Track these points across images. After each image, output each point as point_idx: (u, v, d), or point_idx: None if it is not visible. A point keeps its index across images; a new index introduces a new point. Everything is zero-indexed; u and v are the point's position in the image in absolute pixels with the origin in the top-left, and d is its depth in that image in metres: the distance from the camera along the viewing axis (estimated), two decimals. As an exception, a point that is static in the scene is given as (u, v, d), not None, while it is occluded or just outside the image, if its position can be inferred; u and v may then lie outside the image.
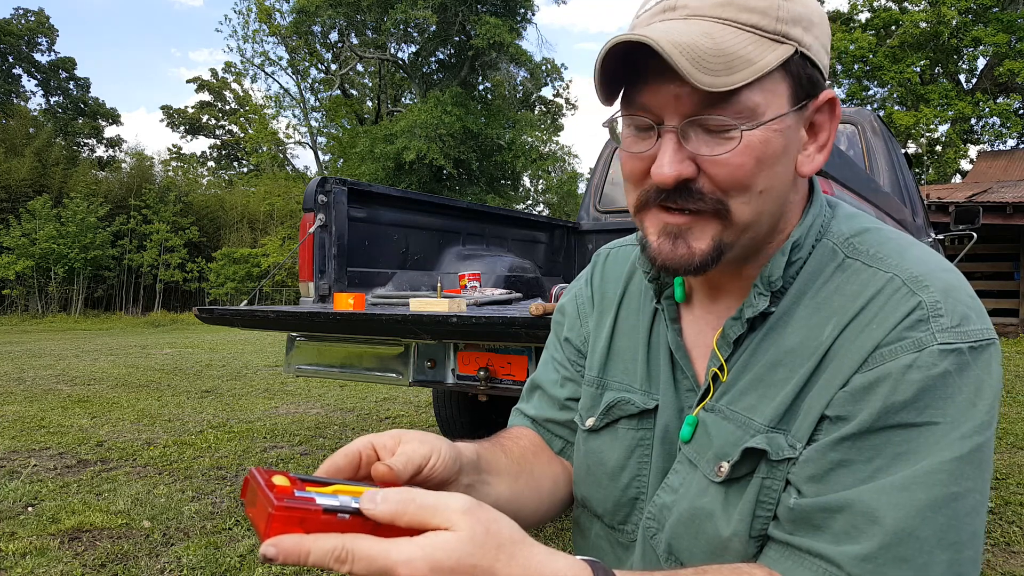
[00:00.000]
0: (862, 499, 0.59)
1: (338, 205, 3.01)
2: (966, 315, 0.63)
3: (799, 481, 0.64)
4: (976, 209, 4.79)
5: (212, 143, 38.95)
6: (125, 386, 6.79)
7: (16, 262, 18.23)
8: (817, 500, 0.61)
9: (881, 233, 0.72)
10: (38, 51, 32.85)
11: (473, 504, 0.50)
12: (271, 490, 0.49)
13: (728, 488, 0.68)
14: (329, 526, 0.49)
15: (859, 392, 0.62)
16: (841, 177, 2.24)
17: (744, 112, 0.63)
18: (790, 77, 0.65)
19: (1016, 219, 10.48)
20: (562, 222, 4.58)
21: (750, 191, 0.65)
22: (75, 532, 2.84)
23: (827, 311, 0.67)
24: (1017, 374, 7.50)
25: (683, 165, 0.64)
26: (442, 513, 0.48)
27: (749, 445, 0.66)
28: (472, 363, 2.45)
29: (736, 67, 0.61)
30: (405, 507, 0.48)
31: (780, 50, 0.63)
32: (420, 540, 0.47)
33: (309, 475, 0.56)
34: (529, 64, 26.96)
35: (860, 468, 0.61)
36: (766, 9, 0.63)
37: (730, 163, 0.63)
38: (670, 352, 0.79)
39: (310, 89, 30.16)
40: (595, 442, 0.84)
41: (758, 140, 0.63)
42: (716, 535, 0.68)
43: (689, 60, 0.59)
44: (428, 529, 0.48)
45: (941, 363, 0.60)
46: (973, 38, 21.30)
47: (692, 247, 0.67)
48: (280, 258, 19.98)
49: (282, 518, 0.47)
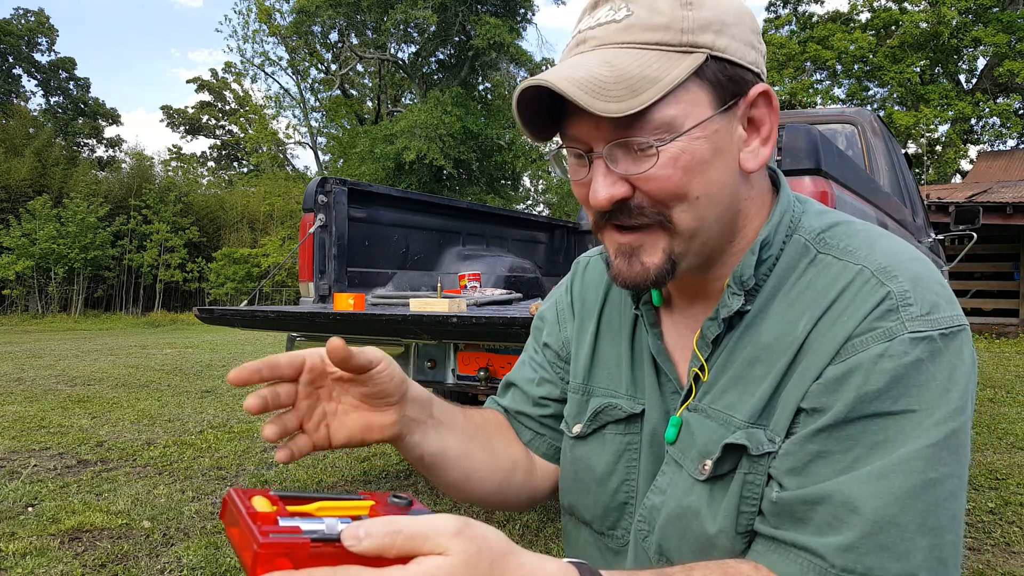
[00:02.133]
0: (841, 490, 0.60)
1: (338, 205, 3.01)
2: (935, 303, 0.64)
3: (780, 474, 0.65)
4: (976, 209, 4.79)
5: (212, 143, 39.02)
6: (125, 386, 6.79)
7: (16, 262, 18.23)
8: (798, 493, 0.62)
9: (851, 226, 0.73)
10: (38, 51, 32.88)
11: (462, 524, 0.49)
12: (255, 521, 0.47)
13: (712, 486, 0.69)
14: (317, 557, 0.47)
15: (833, 383, 0.63)
16: (841, 177, 2.24)
17: (661, 127, 0.64)
18: (707, 83, 0.66)
19: (1016, 219, 10.48)
20: (562, 222, 4.58)
21: (686, 199, 0.67)
22: (75, 532, 2.84)
23: (800, 306, 0.69)
24: (1017, 374, 7.50)
25: (615, 187, 0.66)
26: (433, 539, 0.47)
27: (729, 441, 0.68)
28: (472, 363, 2.45)
29: (640, 88, 0.62)
30: (393, 540, 0.46)
31: (688, 61, 0.64)
32: (414, 568, 0.46)
33: (288, 490, 0.55)
34: (529, 64, 26.94)
35: (838, 458, 0.61)
36: (668, 24, 0.64)
37: (657, 177, 0.65)
38: (653, 356, 0.80)
39: (310, 89, 30.15)
40: (582, 448, 0.84)
41: (679, 150, 0.65)
42: (703, 533, 0.69)
43: (588, 93, 0.61)
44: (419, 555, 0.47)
45: (912, 351, 0.61)
46: (973, 38, 21.30)
47: (645, 263, 0.69)
48: (280, 258, 19.98)
49: (269, 556, 0.45)
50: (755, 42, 0.70)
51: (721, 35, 0.66)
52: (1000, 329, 11.64)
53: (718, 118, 0.67)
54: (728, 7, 0.67)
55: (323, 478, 3.66)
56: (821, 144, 2.07)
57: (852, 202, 2.35)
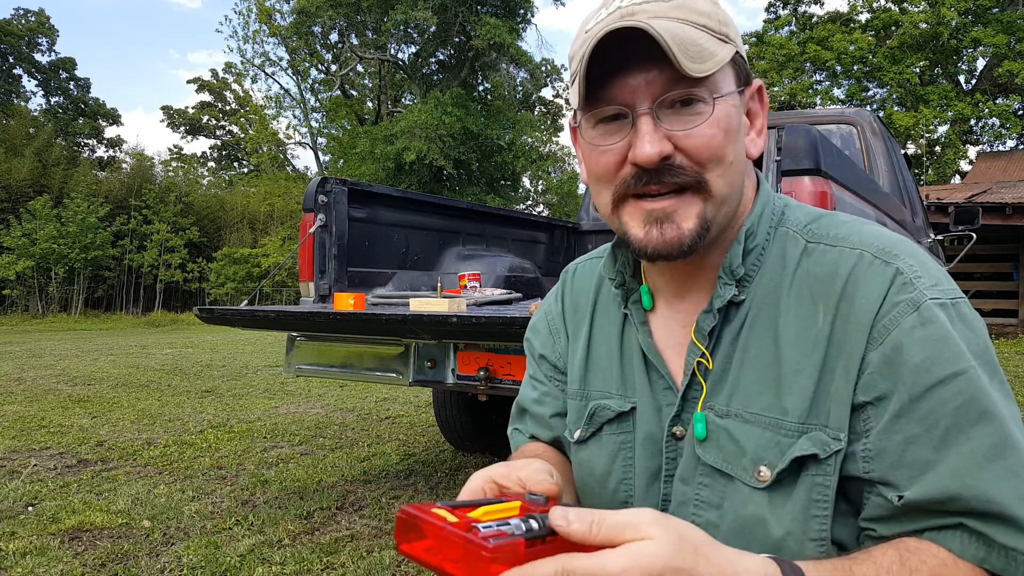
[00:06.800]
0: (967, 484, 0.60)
1: (338, 205, 3.01)
2: (937, 277, 0.67)
3: (884, 475, 0.64)
4: (975, 210, 4.80)
5: (212, 143, 39.00)
6: (125, 386, 6.79)
7: (16, 262, 18.24)
8: (923, 495, 0.62)
9: (835, 217, 0.76)
10: (38, 51, 32.89)
11: (660, 516, 0.53)
12: (465, 531, 0.51)
13: (773, 492, 0.68)
14: (529, 555, 0.51)
15: (883, 368, 0.64)
16: (841, 178, 2.24)
17: (710, 88, 0.69)
18: (733, 67, 0.73)
19: (1015, 220, 10.47)
20: (562, 222, 4.58)
21: (723, 162, 0.69)
22: (75, 532, 2.84)
23: (809, 297, 0.70)
24: (1016, 374, 7.50)
25: (663, 143, 0.68)
26: (634, 526, 0.51)
27: (799, 454, 0.67)
28: (472, 363, 2.45)
29: (705, 57, 0.67)
30: (599, 527, 0.51)
31: (727, 48, 0.70)
32: (626, 550, 0.50)
33: (453, 500, 0.59)
34: (529, 65, 26.95)
35: (928, 438, 0.62)
36: (710, 14, 0.70)
37: (704, 134, 0.68)
38: (643, 354, 0.80)
39: (310, 90, 30.15)
40: (584, 452, 0.85)
41: (723, 113, 0.69)
42: (768, 538, 0.68)
43: (678, 48, 0.65)
44: (619, 543, 0.51)
45: (941, 315, 0.64)
46: (973, 39, 21.29)
47: (681, 227, 0.69)
48: (280, 258, 19.98)
49: (498, 557, 0.50)
50: None
51: (738, 36, 0.74)
52: (999, 330, 11.64)
53: (739, 96, 0.73)
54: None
55: (323, 478, 3.66)
56: (821, 144, 2.08)
57: (852, 202, 2.36)
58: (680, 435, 0.76)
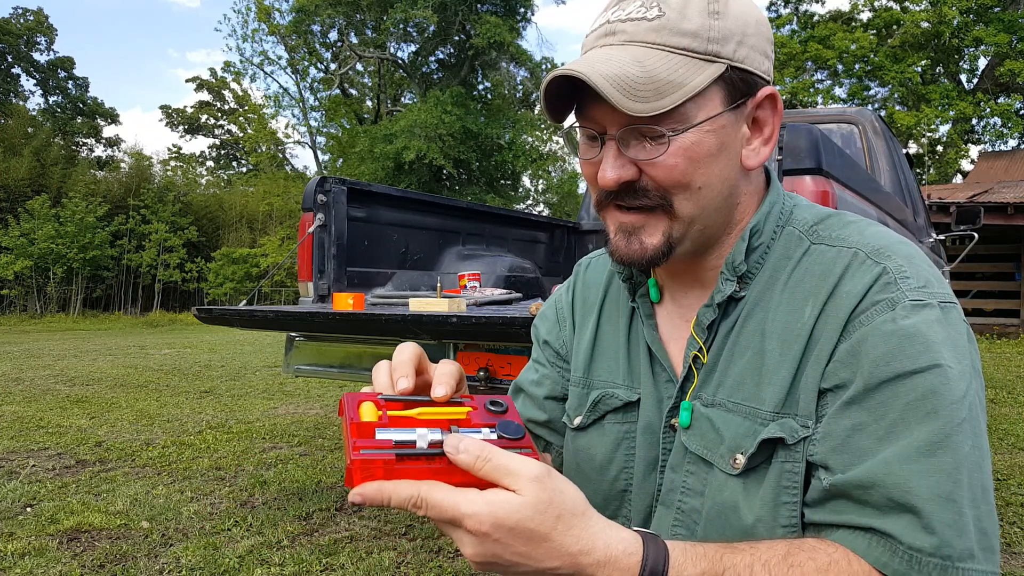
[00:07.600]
0: (892, 471, 0.61)
1: (337, 205, 3.00)
2: (928, 280, 0.67)
3: (823, 458, 0.65)
4: (977, 209, 4.79)
5: (211, 143, 38.97)
6: (124, 386, 6.78)
7: (15, 262, 18.22)
8: (849, 477, 0.63)
9: (842, 217, 0.76)
10: (37, 50, 32.84)
11: (544, 473, 0.54)
12: (353, 435, 0.54)
13: (746, 478, 0.70)
14: (404, 471, 0.54)
15: (847, 357, 0.65)
16: (842, 177, 2.23)
17: (676, 119, 0.68)
18: (723, 83, 0.70)
19: (1017, 219, 10.47)
20: (562, 222, 4.57)
21: (689, 188, 0.70)
22: (74, 532, 2.83)
23: (802, 293, 0.71)
24: (1018, 375, 7.49)
25: (623, 170, 0.70)
26: (513, 476, 0.53)
27: (765, 436, 0.68)
28: (472, 363, 2.44)
29: (665, 92, 0.66)
30: (482, 464, 0.53)
31: (711, 70, 0.68)
32: (488, 496, 0.53)
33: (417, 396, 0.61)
34: (529, 64, 26.95)
35: (874, 428, 0.63)
36: (697, 31, 0.68)
37: (664, 164, 0.69)
38: (648, 346, 0.83)
39: (309, 88, 30.12)
40: (583, 439, 0.87)
41: (689, 142, 0.69)
42: (741, 524, 0.70)
43: (619, 90, 0.65)
44: (499, 486, 0.53)
45: (914, 315, 0.64)
46: (974, 38, 21.29)
47: (644, 243, 0.73)
48: (279, 258, 19.97)
49: (361, 468, 0.53)
50: (768, 51, 0.74)
51: (742, 46, 0.70)
52: (1001, 330, 11.64)
53: (727, 115, 0.71)
54: (750, 18, 0.71)
55: (322, 479, 3.65)
56: (822, 144, 2.07)
57: (853, 201, 2.34)
58: (676, 426, 0.78)
